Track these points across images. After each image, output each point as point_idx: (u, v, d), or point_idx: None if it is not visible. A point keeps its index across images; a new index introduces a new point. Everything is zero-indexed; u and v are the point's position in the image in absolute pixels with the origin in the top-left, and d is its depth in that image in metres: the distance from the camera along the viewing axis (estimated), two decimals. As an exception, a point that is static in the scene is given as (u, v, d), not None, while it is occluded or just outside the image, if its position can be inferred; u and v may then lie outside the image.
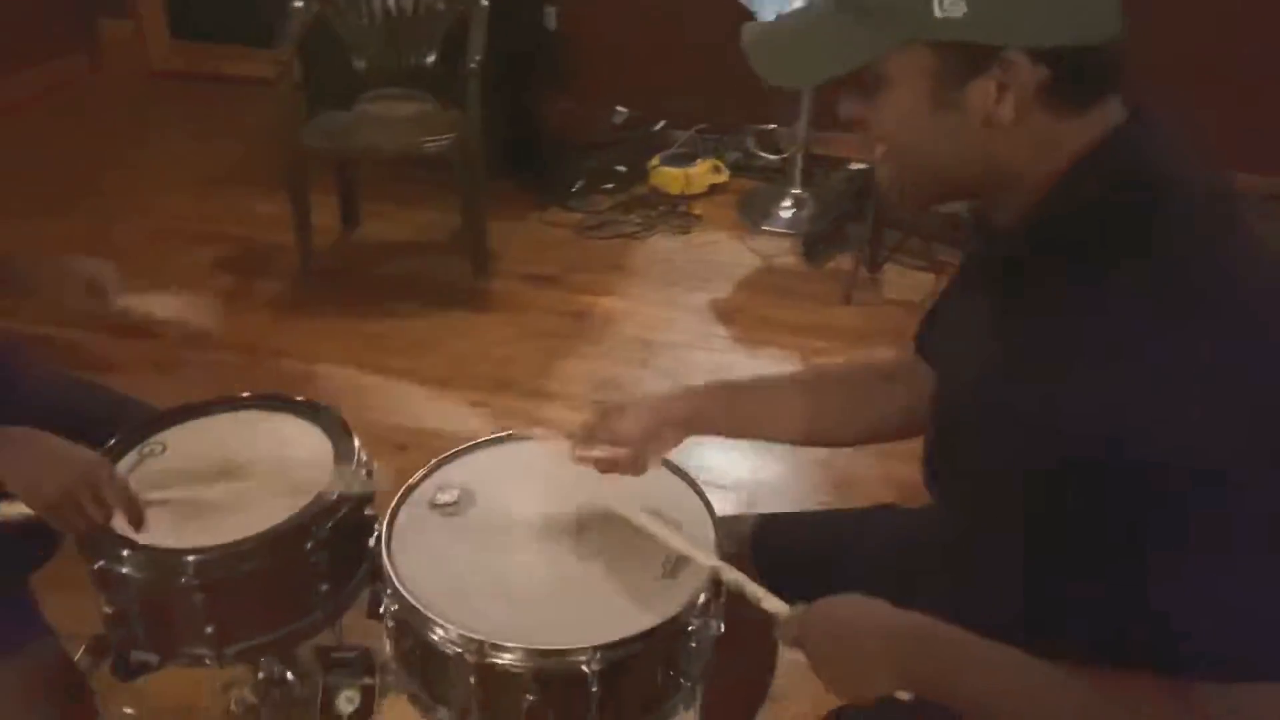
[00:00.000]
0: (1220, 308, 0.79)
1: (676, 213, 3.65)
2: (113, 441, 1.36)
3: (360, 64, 3.33)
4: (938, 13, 0.81)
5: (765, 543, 1.39)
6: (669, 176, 3.75)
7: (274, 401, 1.46)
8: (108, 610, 1.24)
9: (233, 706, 1.50)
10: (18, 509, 1.17)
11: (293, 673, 1.53)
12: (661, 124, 4.01)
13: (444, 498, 1.28)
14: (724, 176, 3.81)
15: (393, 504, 1.27)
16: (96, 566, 1.21)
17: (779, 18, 0.93)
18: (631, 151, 3.91)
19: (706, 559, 1.15)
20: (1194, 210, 0.84)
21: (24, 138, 4.27)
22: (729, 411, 1.24)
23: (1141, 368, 0.78)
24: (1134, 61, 0.85)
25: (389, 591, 1.17)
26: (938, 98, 0.85)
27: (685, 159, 3.80)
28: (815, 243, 3.42)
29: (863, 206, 3.22)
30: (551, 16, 4.03)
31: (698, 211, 3.67)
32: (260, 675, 1.52)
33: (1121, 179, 0.85)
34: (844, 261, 3.27)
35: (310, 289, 3.22)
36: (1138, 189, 0.84)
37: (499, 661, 1.10)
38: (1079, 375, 0.81)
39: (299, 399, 1.46)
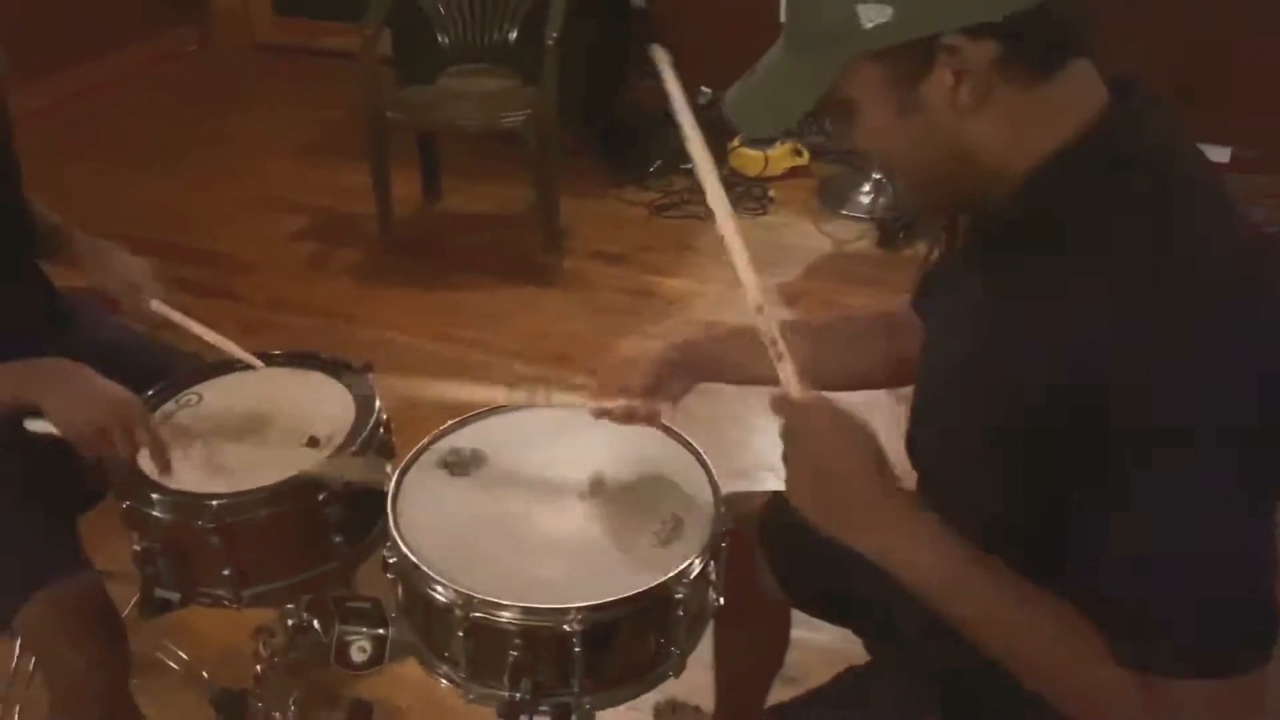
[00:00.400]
0: (1211, 291, 0.78)
1: (752, 195, 3.63)
2: (153, 390, 1.43)
3: (445, 39, 3.40)
4: (866, 24, 0.81)
5: (774, 519, 1.39)
6: (748, 158, 3.73)
7: (308, 360, 1.51)
8: (136, 548, 1.31)
9: (260, 649, 1.57)
10: (48, 427, 1.25)
11: (319, 622, 1.59)
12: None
13: (454, 458, 1.32)
14: (804, 159, 3.78)
15: (404, 461, 1.32)
16: (125, 505, 1.29)
17: (748, 73, 0.94)
18: (712, 132, 3.83)
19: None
20: (1187, 192, 0.83)
21: (136, 105, 4.49)
22: (726, 357, 1.27)
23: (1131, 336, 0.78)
24: (1097, 19, 0.83)
25: (388, 544, 1.21)
26: (900, 104, 0.85)
27: (765, 141, 3.77)
28: (892, 229, 3.37)
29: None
30: (636, -9, 4.04)
31: (774, 194, 3.65)
32: (290, 622, 1.59)
33: (1115, 161, 0.84)
34: (920, 249, 3.21)
35: (388, 259, 3.31)
36: (1135, 170, 0.83)
37: (485, 616, 1.14)
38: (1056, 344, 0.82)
39: (329, 358, 1.51)
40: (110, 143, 4.14)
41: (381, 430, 1.41)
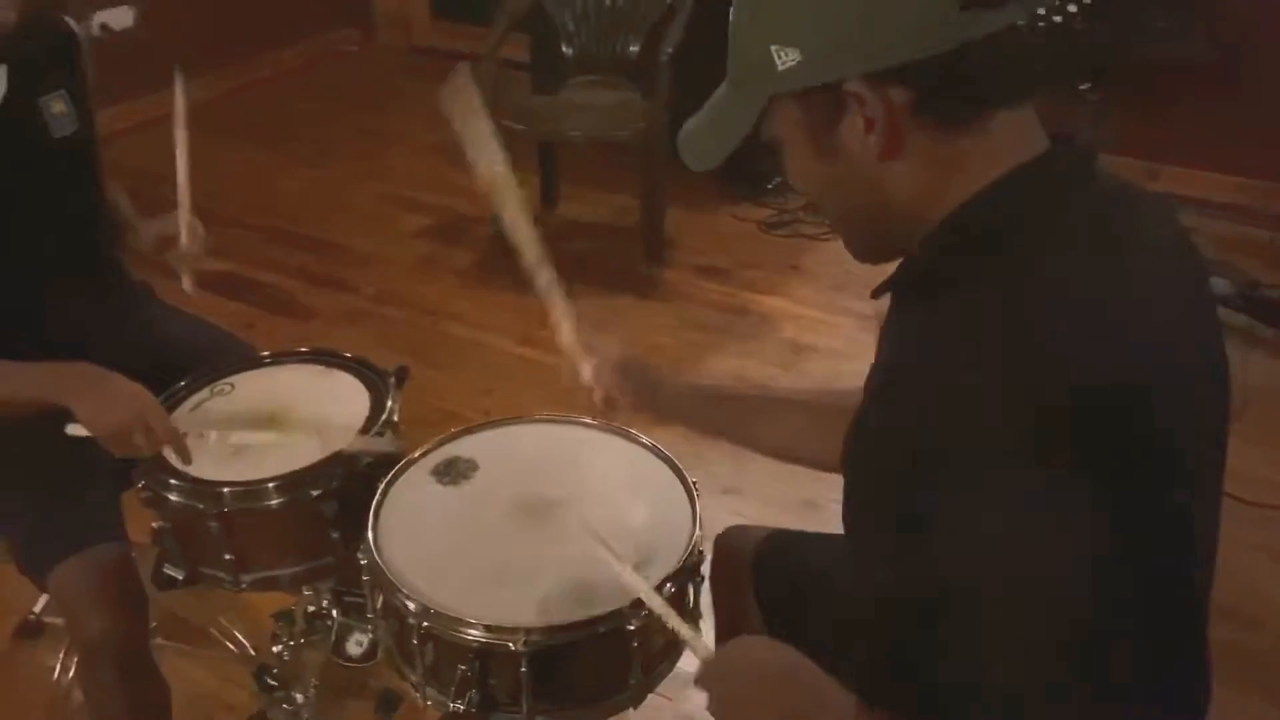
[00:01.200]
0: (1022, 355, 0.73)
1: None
2: (187, 380, 1.53)
3: (570, 51, 3.47)
4: (780, 66, 0.80)
5: (767, 559, 1.37)
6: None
7: (336, 359, 1.58)
8: (153, 525, 1.40)
9: (277, 631, 1.65)
10: (84, 430, 1.35)
11: (338, 611, 1.66)
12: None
13: (446, 467, 1.36)
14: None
15: (397, 467, 1.36)
16: (141, 486, 1.38)
17: (699, 112, 0.94)
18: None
19: (635, 583, 1.12)
20: (1052, 267, 0.78)
21: (296, 99, 4.75)
22: (705, 417, 1.28)
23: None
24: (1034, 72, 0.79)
25: (363, 547, 1.25)
26: (819, 147, 0.83)
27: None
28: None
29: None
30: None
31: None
32: (309, 609, 1.67)
33: (985, 231, 0.80)
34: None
35: (496, 262, 3.40)
36: (989, 247, 0.79)
37: (436, 628, 1.17)
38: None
39: (356, 360, 1.58)
40: (267, 134, 4.38)
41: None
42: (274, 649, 1.66)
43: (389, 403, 1.47)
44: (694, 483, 1.33)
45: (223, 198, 3.53)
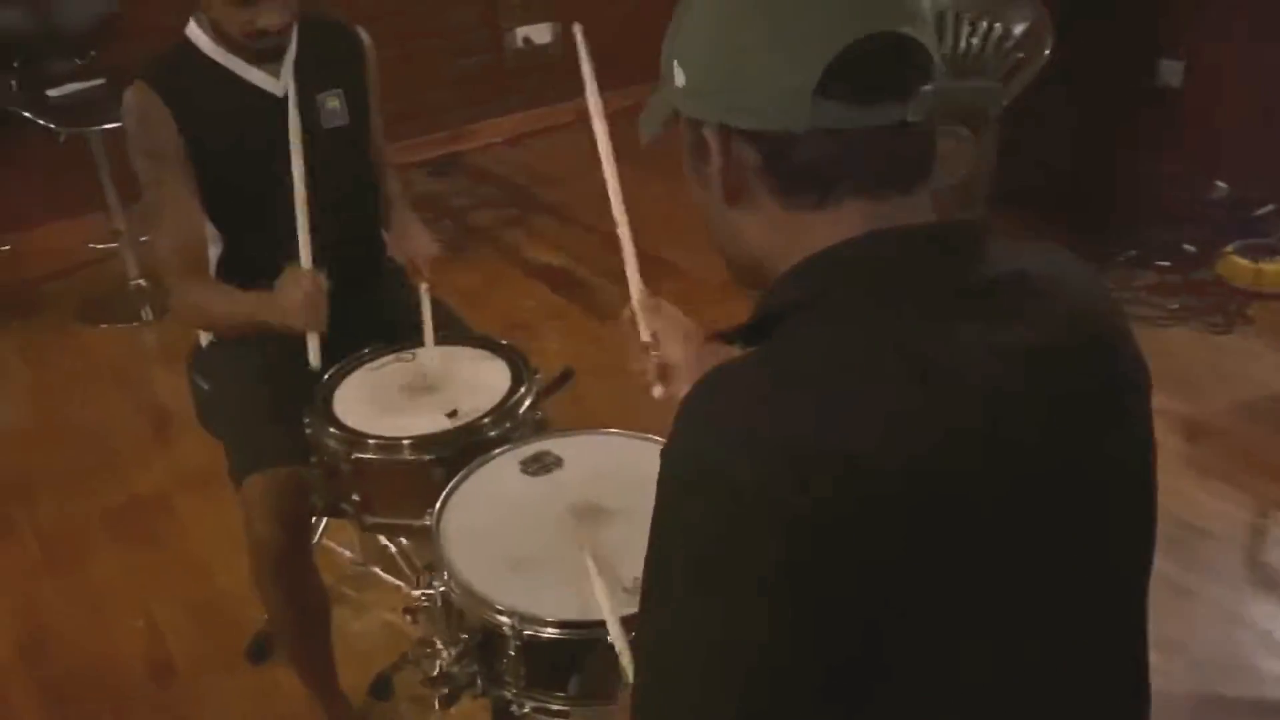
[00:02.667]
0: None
1: (1226, 310, 3.15)
2: (372, 348, 1.78)
3: (915, 94, 3.42)
4: (677, 81, 0.81)
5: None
6: (1237, 267, 3.24)
7: (504, 350, 1.75)
8: (312, 459, 1.64)
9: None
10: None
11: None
12: (1269, 208, 3.45)
13: (534, 457, 1.47)
14: (1308, 282, 3.18)
15: (494, 451, 1.49)
16: (306, 423, 1.62)
17: None
18: (1210, 231, 3.44)
19: (604, 605, 1.17)
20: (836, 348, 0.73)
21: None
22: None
23: None
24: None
25: (429, 510, 1.40)
26: (695, 170, 0.83)
27: (1267, 251, 3.24)
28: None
29: None
30: (1172, 72, 3.67)
31: (1253, 313, 3.13)
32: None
33: (781, 300, 0.78)
34: None
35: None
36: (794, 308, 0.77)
37: (454, 595, 1.28)
38: None
39: (516, 353, 1.74)
40: (650, 153, 4.71)
41: (507, 425, 1.59)
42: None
43: (517, 396, 1.61)
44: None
45: (586, 208, 3.88)
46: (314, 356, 1.63)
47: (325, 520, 2.03)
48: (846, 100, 0.73)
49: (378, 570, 2.23)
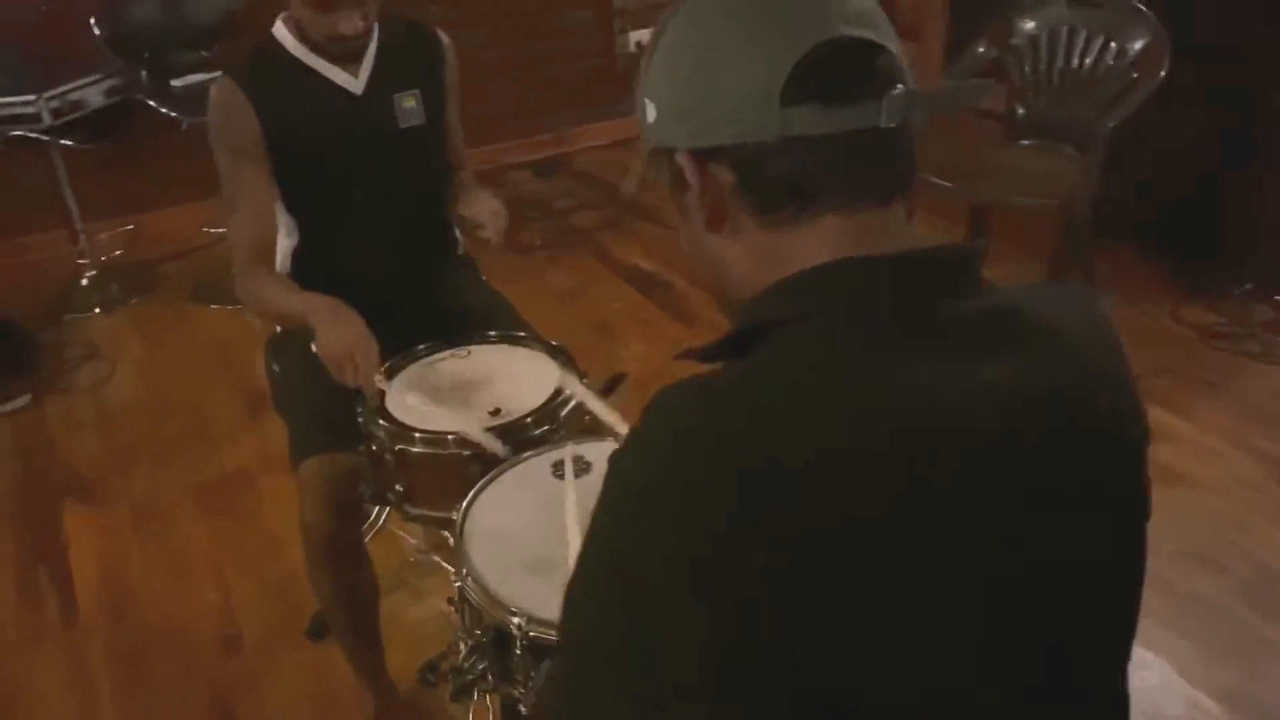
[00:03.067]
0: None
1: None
2: (431, 343, 1.82)
3: (1022, 110, 3.32)
4: (649, 117, 0.81)
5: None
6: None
7: (561, 355, 1.77)
8: (359, 448, 1.69)
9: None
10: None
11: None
12: None
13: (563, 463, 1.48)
14: None
15: (525, 453, 1.52)
16: (358, 411, 1.67)
17: None
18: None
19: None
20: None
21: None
22: None
23: None
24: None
25: (458, 505, 1.43)
26: (677, 203, 0.83)
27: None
28: None
29: None
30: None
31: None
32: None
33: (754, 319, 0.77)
34: None
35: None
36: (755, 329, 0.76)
37: (471, 591, 1.31)
38: None
39: (564, 351, 1.76)
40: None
41: (548, 426, 1.61)
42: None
43: (560, 398, 1.63)
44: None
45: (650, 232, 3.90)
46: (372, 395, 1.67)
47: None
48: (814, 104, 0.73)
49: (438, 558, 2.28)
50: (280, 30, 1.83)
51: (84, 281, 3.71)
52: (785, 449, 0.66)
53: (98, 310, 3.65)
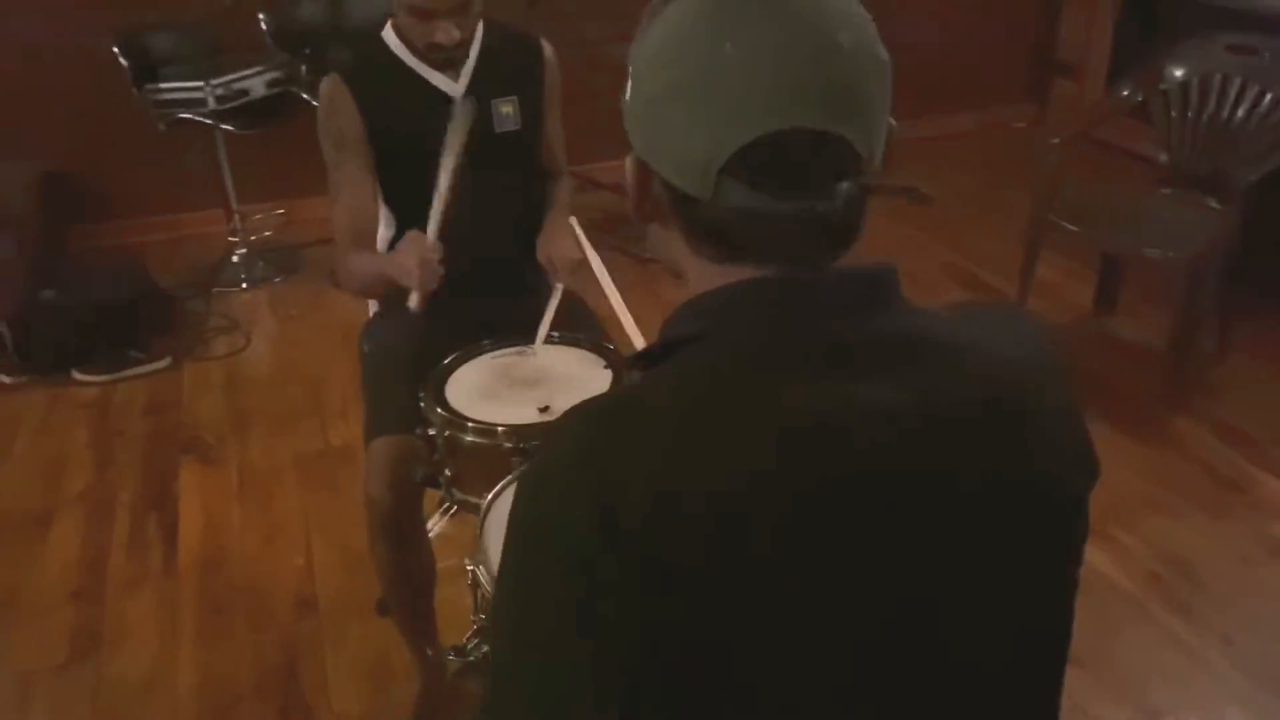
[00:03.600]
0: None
1: None
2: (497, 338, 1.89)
3: (1164, 158, 3.18)
4: (626, 91, 0.82)
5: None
6: None
7: (608, 351, 1.82)
8: (418, 431, 1.77)
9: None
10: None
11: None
12: None
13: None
14: None
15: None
16: (420, 396, 1.75)
17: None
18: None
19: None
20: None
21: (950, 161, 4.87)
22: None
23: None
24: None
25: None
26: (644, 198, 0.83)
27: None
28: None
29: None
30: None
31: None
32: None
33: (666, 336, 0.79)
34: None
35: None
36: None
37: (481, 578, 1.36)
38: None
39: (620, 355, 1.81)
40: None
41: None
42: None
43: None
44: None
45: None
46: (413, 301, 1.76)
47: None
48: (751, 186, 0.74)
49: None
50: (388, 33, 1.94)
51: (234, 258, 3.97)
52: (684, 475, 0.68)
53: (244, 285, 3.89)
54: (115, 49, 3.58)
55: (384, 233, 2.05)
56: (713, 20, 0.75)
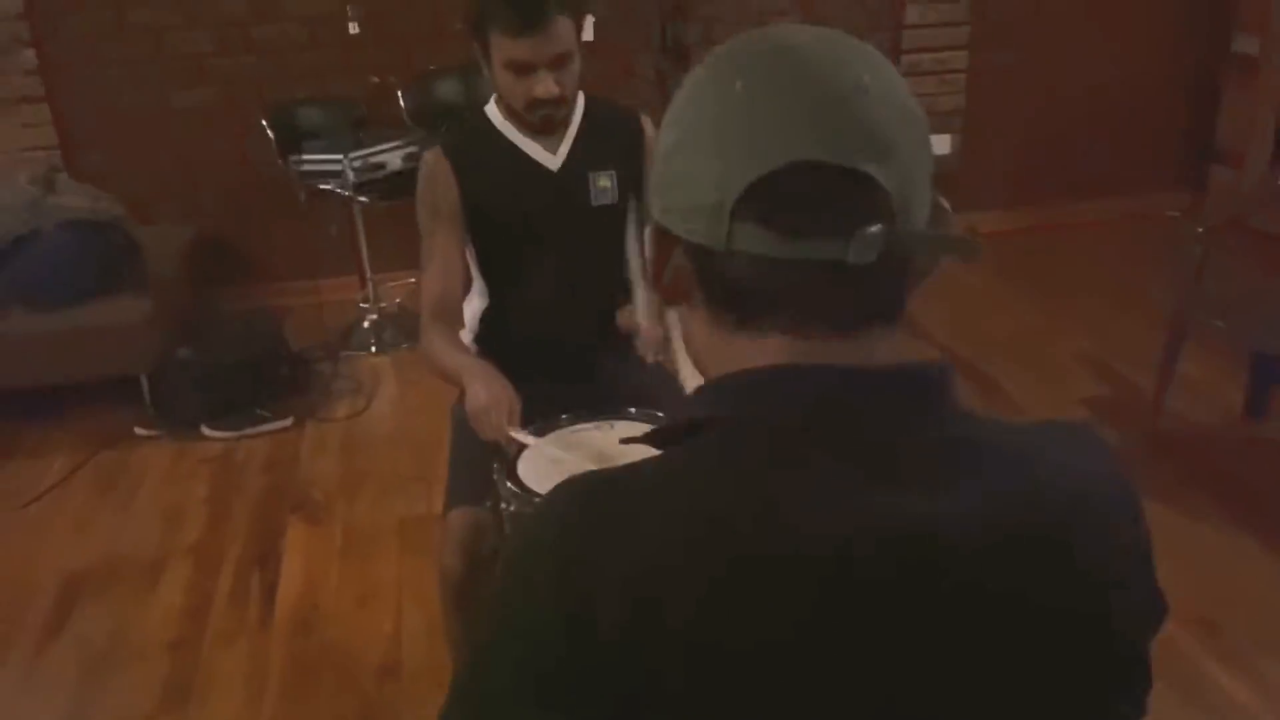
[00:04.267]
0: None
1: None
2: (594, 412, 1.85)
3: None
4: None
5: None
6: None
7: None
8: (486, 503, 1.75)
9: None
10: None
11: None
12: None
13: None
14: None
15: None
16: (495, 468, 1.73)
17: None
18: None
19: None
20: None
21: (1087, 248, 4.68)
22: None
23: None
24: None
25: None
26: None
27: None
28: None
29: None
30: None
31: None
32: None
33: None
34: None
35: (1145, 448, 3.06)
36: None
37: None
38: None
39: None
40: (1022, 274, 4.40)
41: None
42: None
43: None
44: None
45: (934, 321, 3.78)
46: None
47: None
48: (765, 227, 0.69)
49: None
50: (491, 108, 1.97)
51: (365, 324, 4.11)
52: (669, 565, 0.64)
53: (373, 349, 4.02)
54: (264, 121, 3.79)
55: (477, 304, 2.07)
56: (723, 67, 0.73)
